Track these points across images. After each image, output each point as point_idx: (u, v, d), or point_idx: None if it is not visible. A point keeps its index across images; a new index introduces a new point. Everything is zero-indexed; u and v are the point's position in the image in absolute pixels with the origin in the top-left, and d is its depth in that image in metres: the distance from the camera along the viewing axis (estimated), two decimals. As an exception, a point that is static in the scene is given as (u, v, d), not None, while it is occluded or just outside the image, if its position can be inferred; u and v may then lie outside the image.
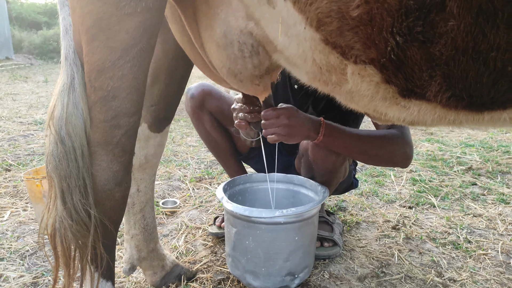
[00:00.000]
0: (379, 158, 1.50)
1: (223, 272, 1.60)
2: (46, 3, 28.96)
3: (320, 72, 0.78)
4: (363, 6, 0.59)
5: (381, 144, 1.44)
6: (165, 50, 1.24)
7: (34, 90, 7.48)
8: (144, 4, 0.76)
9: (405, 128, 1.48)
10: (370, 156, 1.49)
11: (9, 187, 2.44)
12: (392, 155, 1.47)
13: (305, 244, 1.41)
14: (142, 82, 0.84)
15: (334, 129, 1.41)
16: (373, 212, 2.20)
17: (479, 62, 0.60)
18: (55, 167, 0.84)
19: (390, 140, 1.45)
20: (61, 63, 0.88)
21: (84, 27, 0.78)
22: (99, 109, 0.83)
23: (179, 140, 3.88)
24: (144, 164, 1.37)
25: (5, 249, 1.73)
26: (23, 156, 3.11)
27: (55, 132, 0.84)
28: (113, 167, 0.86)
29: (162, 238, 1.88)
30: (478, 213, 2.17)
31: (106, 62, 0.79)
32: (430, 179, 2.74)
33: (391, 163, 1.63)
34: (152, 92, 1.29)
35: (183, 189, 2.55)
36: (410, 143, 1.48)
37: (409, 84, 0.68)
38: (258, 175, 1.76)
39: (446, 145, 3.66)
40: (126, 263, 1.46)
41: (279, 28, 0.76)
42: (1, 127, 4.11)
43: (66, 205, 0.83)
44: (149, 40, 0.81)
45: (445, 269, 1.63)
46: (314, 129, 1.38)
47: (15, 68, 13.78)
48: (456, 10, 0.55)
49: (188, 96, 1.79)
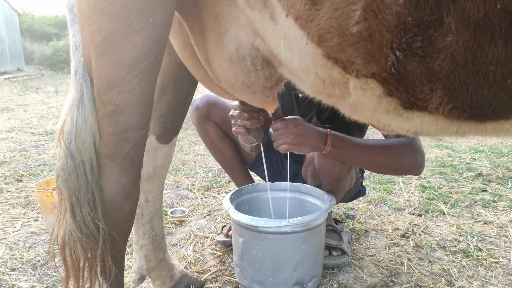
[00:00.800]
0: (388, 167, 1.50)
1: (232, 281, 1.60)
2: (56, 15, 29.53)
3: (323, 85, 0.79)
4: (362, 23, 0.61)
5: (389, 154, 1.45)
6: (171, 63, 1.26)
7: (45, 101, 7.62)
8: (152, 20, 0.78)
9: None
10: (379, 166, 1.50)
11: (21, 198, 2.48)
12: (402, 164, 1.47)
13: (312, 253, 1.42)
14: (150, 96, 0.86)
15: (341, 140, 1.42)
16: (382, 220, 2.19)
17: (479, 76, 0.60)
18: (65, 181, 0.86)
19: (398, 149, 1.45)
20: (71, 79, 0.90)
21: (93, 43, 0.80)
22: (107, 123, 0.85)
23: (187, 149, 3.91)
24: (153, 175, 1.38)
25: (17, 259, 1.75)
26: (34, 167, 3.16)
27: (65, 146, 0.87)
28: (122, 180, 0.88)
29: (171, 247, 1.90)
30: (488, 220, 2.15)
31: (115, 77, 0.80)
32: (440, 185, 2.72)
33: (401, 172, 1.63)
34: (160, 103, 1.31)
35: (191, 198, 2.57)
36: (420, 151, 1.48)
37: (410, 97, 0.69)
38: (264, 184, 1.76)
39: (456, 151, 3.63)
40: (135, 273, 1.47)
41: (282, 43, 0.78)
42: (13, 138, 4.18)
43: (76, 218, 0.85)
44: (156, 55, 0.82)
45: (456, 278, 1.61)
46: (321, 140, 1.39)
47: (26, 79, 14.03)
48: (454, 26, 0.56)
49: (193, 107, 1.81)
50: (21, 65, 17.80)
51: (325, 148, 1.40)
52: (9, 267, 1.69)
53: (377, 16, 0.59)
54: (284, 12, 0.71)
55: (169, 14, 0.81)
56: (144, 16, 0.77)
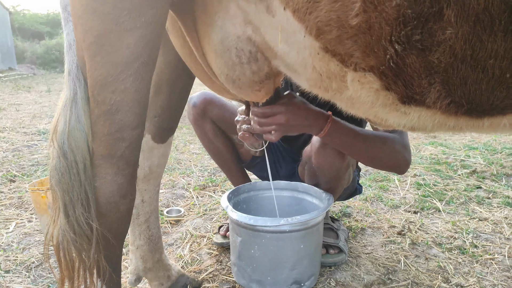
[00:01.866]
0: (380, 161, 1.46)
1: (229, 281, 1.59)
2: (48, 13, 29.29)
3: (321, 79, 0.78)
4: (361, 15, 0.60)
5: (385, 148, 1.43)
6: (167, 62, 1.25)
7: (37, 100, 7.55)
8: (144, 19, 0.77)
9: (404, 133, 1.48)
10: (371, 158, 1.45)
11: (14, 198, 2.46)
12: (393, 159, 1.45)
13: (310, 252, 1.41)
14: (145, 95, 0.85)
15: (340, 122, 1.33)
16: (378, 218, 2.19)
17: (478, 70, 0.60)
18: (58, 181, 0.85)
19: (391, 143, 1.43)
20: (65, 78, 0.89)
21: (86, 43, 0.80)
22: (102, 122, 0.84)
23: (182, 147, 3.89)
24: (148, 175, 1.37)
25: (11, 261, 1.73)
26: (27, 167, 3.13)
27: (58, 146, 0.85)
28: (118, 180, 0.87)
29: (167, 247, 1.88)
30: (483, 217, 2.16)
31: (108, 76, 0.80)
32: (435, 183, 2.73)
33: (390, 168, 1.56)
34: (155, 103, 1.30)
35: (187, 197, 2.56)
36: (409, 149, 1.47)
37: (408, 91, 0.69)
38: (262, 183, 1.76)
39: (450, 148, 3.65)
40: (131, 274, 1.46)
41: (279, 36, 0.77)
42: (5, 138, 4.14)
43: (69, 218, 0.84)
44: (150, 54, 0.82)
45: (452, 275, 1.62)
46: (321, 119, 1.29)
47: (18, 78, 13.91)
48: (454, 19, 0.56)
49: (190, 105, 1.80)
50: (12, 64, 17.64)
51: (324, 130, 1.29)
52: (3, 269, 1.67)
53: (377, 8, 0.58)
54: (282, 5, 0.71)
55: (161, 13, 0.81)
56: (135, 15, 0.76)
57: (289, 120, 1.23)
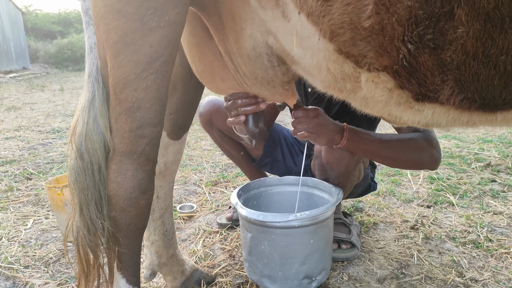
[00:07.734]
0: (404, 162, 1.52)
1: (242, 276, 1.62)
2: (60, 13, 29.54)
3: (335, 80, 0.79)
4: (374, 17, 0.61)
5: (405, 149, 1.45)
6: (181, 59, 1.27)
7: (51, 99, 7.67)
8: (167, 18, 0.79)
9: (429, 130, 1.48)
10: (394, 160, 1.51)
11: (31, 196, 2.51)
12: (418, 159, 1.47)
13: (321, 247, 1.42)
14: (165, 93, 0.87)
15: (357, 134, 1.43)
16: (391, 212, 2.19)
17: (490, 66, 0.60)
18: (75, 180, 0.89)
19: (413, 144, 1.45)
20: (84, 80, 0.92)
21: (109, 42, 0.82)
22: (124, 120, 0.86)
23: (193, 144, 3.93)
24: (164, 171, 1.40)
25: (30, 257, 1.78)
26: (43, 165, 3.19)
27: (76, 148, 0.88)
28: (138, 176, 0.89)
29: (181, 242, 1.91)
30: (498, 211, 2.14)
31: (131, 75, 0.82)
32: (448, 177, 2.71)
33: (417, 167, 1.64)
34: (171, 100, 1.32)
35: (199, 193, 2.59)
36: (435, 145, 1.48)
37: (422, 88, 0.69)
38: (271, 179, 1.77)
39: (463, 142, 3.61)
40: (146, 269, 1.49)
41: (294, 40, 0.78)
42: (21, 136, 4.22)
43: (83, 216, 0.87)
44: (171, 52, 0.84)
45: (466, 269, 1.61)
46: (338, 133, 1.41)
47: (32, 77, 14.12)
48: (465, 18, 0.56)
49: (198, 112, 1.85)
50: (26, 64, 17.91)
51: (341, 141, 1.41)
52: (22, 264, 1.72)
53: (389, 10, 0.59)
54: (296, 9, 0.72)
55: (184, 12, 0.83)
56: (160, 14, 0.78)
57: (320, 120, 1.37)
